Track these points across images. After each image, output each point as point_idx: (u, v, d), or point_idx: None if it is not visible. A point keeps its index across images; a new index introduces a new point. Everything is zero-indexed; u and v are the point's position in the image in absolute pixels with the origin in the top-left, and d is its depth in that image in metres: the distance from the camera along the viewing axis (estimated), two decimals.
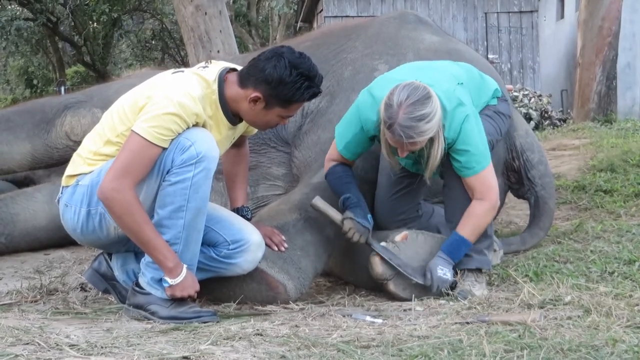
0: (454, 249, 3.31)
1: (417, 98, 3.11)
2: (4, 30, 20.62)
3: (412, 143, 3.12)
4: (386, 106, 3.14)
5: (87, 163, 3.07)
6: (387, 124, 3.12)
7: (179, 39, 23.52)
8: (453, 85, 3.32)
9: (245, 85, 3.07)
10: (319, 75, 3.10)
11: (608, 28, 10.28)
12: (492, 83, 3.66)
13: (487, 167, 3.31)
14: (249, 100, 3.05)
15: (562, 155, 7.20)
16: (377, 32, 4.30)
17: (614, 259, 3.65)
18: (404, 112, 3.08)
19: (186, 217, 2.92)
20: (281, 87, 3.02)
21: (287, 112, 3.14)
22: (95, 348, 2.43)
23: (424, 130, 3.10)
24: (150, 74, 3.62)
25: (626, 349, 2.36)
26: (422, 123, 3.08)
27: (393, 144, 3.20)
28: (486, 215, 3.33)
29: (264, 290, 3.26)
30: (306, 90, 3.05)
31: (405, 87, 3.16)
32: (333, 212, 3.40)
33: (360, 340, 2.59)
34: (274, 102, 3.07)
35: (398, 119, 3.08)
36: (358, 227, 3.35)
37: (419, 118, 3.08)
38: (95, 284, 3.34)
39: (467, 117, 3.24)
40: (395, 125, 3.09)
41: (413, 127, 3.07)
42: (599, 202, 5.22)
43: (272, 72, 3.01)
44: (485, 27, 16.05)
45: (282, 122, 3.21)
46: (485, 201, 3.31)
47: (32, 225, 4.63)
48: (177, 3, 7.94)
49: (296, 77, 3.01)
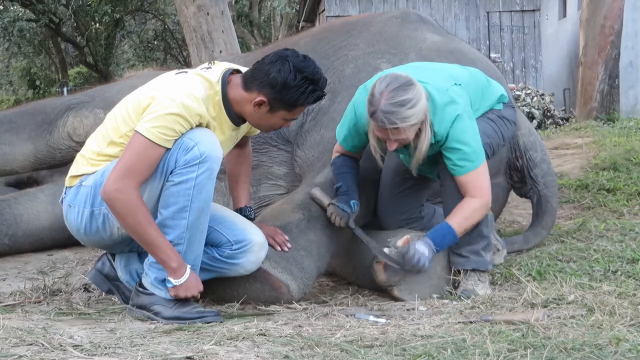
0: (439, 235, 3.28)
1: (398, 85, 3.13)
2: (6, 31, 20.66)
3: (395, 130, 3.13)
4: (370, 97, 3.17)
5: (91, 164, 3.07)
6: (370, 111, 3.15)
7: (181, 40, 23.54)
8: (448, 84, 3.33)
9: (249, 89, 3.07)
10: (323, 78, 3.11)
11: (610, 27, 10.27)
12: (498, 88, 3.65)
13: (480, 166, 3.29)
14: (254, 103, 3.06)
15: (565, 154, 7.20)
16: (380, 31, 4.30)
17: (617, 257, 3.64)
18: (386, 99, 3.10)
19: (189, 217, 2.92)
20: (286, 91, 3.02)
21: (292, 115, 3.14)
22: (98, 348, 2.43)
23: (407, 116, 3.10)
24: (153, 75, 3.63)
25: (630, 347, 2.36)
26: (404, 109, 3.09)
27: (379, 133, 3.21)
28: (476, 211, 3.31)
29: (267, 290, 3.26)
30: (310, 94, 3.06)
31: (386, 77, 3.20)
32: (325, 200, 3.44)
33: (364, 340, 2.59)
34: (279, 106, 3.07)
35: (380, 106, 3.10)
36: (338, 212, 3.37)
37: (400, 103, 3.09)
38: (98, 284, 3.34)
39: (459, 116, 3.25)
40: (378, 112, 3.11)
41: (395, 112, 3.09)
42: (602, 201, 5.21)
43: (276, 76, 3.01)
44: (488, 26, 16.02)
45: (286, 125, 3.21)
46: (477, 198, 3.30)
47: (36, 226, 4.64)
48: (179, 3, 7.94)
49: (301, 81, 3.01)
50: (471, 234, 3.35)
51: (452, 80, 3.36)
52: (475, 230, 3.36)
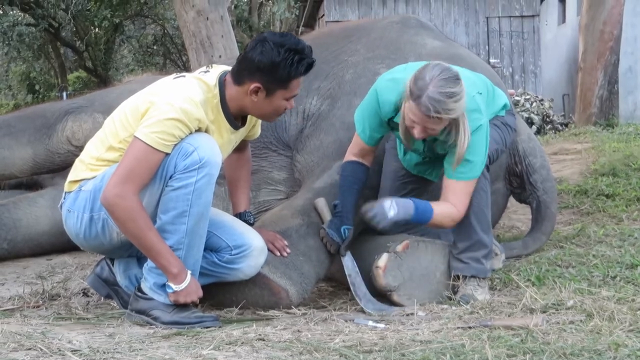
0: (422, 208, 3.22)
1: (448, 76, 3.09)
2: (5, 35, 20.63)
3: (437, 119, 3.09)
4: (416, 79, 3.12)
5: (90, 169, 3.07)
6: (415, 95, 3.09)
7: (180, 44, 23.52)
8: (474, 91, 3.31)
9: (240, 81, 3.06)
10: (307, 46, 3.07)
11: (610, 32, 10.30)
12: (502, 97, 3.65)
13: (474, 179, 3.28)
14: (250, 92, 3.05)
15: (564, 159, 7.20)
16: (379, 36, 4.30)
17: (616, 263, 3.65)
18: (435, 86, 3.05)
19: (189, 222, 2.92)
20: (275, 69, 3.00)
21: (290, 92, 3.11)
22: (97, 353, 2.43)
23: (451, 109, 3.07)
24: (152, 79, 3.63)
25: (628, 353, 2.36)
26: (451, 100, 3.05)
27: (414, 117, 3.15)
28: (449, 219, 3.27)
29: (267, 295, 3.26)
30: (299, 63, 3.02)
31: (437, 65, 3.15)
32: (326, 214, 3.45)
33: (363, 345, 2.59)
34: (274, 87, 3.05)
35: (428, 91, 3.05)
36: (328, 239, 3.39)
37: (448, 95, 3.05)
38: (97, 289, 3.34)
39: (481, 127, 3.24)
40: (424, 97, 3.06)
41: (442, 101, 3.04)
42: (601, 207, 5.22)
43: (261, 58, 3.00)
44: (487, 31, 16.06)
45: (289, 105, 3.17)
46: (456, 210, 3.26)
47: (35, 230, 4.63)
48: (178, 8, 7.95)
49: (285, 54, 2.99)
50: (472, 241, 3.35)
51: (475, 88, 3.35)
52: (477, 237, 3.36)
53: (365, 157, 3.53)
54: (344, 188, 3.48)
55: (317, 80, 4.12)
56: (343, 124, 3.83)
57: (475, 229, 3.35)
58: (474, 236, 3.35)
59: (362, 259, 3.48)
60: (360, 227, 3.59)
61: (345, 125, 3.79)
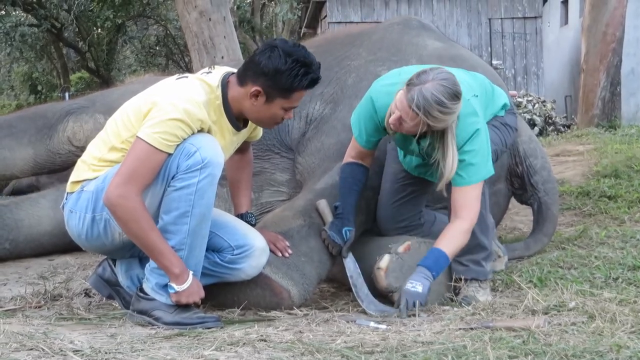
0: (431, 260, 3.21)
1: (450, 87, 3.05)
2: (8, 36, 20.65)
3: (414, 115, 3.06)
4: (420, 72, 3.11)
5: (92, 169, 3.07)
6: (410, 81, 3.09)
7: (183, 45, 23.54)
8: (469, 94, 3.30)
9: (244, 83, 3.07)
10: (316, 62, 3.07)
11: (612, 34, 10.29)
12: (502, 95, 3.64)
13: (478, 182, 3.26)
14: (250, 95, 3.05)
15: (566, 161, 7.20)
16: (381, 39, 4.30)
17: (618, 264, 3.64)
18: (432, 86, 3.03)
19: (191, 223, 2.92)
20: (278, 77, 3.00)
21: (290, 102, 3.10)
22: (99, 354, 2.43)
23: (433, 115, 3.03)
24: (154, 80, 3.63)
25: (630, 354, 2.36)
26: (437, 107, 3.02)
27: (399, 105, 3.13)
28: (463, 234, 3.25)
29: (268, 296, 3.25)
30: (304, 76, 3.02)
31: (448, 73, 3.12)
32: (327, 216, 3.46)
33: (364, 346, 2.59)
34: (275, 94, 3.05)
35: (423, 86, 3.04)
36: (330, 241, 3.39)
37: (438, 101, 3.01)
38: (99, 289, 3.34)
39: (479, 131, 3.23)
40: (417, 89, 3.05)
41: (428, 102, 3.01)
42: (603, 208, 5.21)
43: (267, 63, 3.00)
44: (489, 32, 16.06)
45: (287, 116, 3.16)
46: (464, 220, 3.24)
47: (37, 231, 4.64)
48: (181, 9, 7.95)
49: (292, 65, 2.99)
50: (472, 244, 3.35)
51: (471, 91, 3.34)
52: (476, 241, 3.35)
53: (364, 159, 3.53)
54: (344, 190, 3.49)
55: (321, 86, 4.12)
56: (344, 126, 3.83)
57: (475, 231, 3.34)
58: (473, 239, 3.34)
59: (363, 260, 3.48)
60: (362, 229, 3.60)
61: (347, 128, 3.78)
